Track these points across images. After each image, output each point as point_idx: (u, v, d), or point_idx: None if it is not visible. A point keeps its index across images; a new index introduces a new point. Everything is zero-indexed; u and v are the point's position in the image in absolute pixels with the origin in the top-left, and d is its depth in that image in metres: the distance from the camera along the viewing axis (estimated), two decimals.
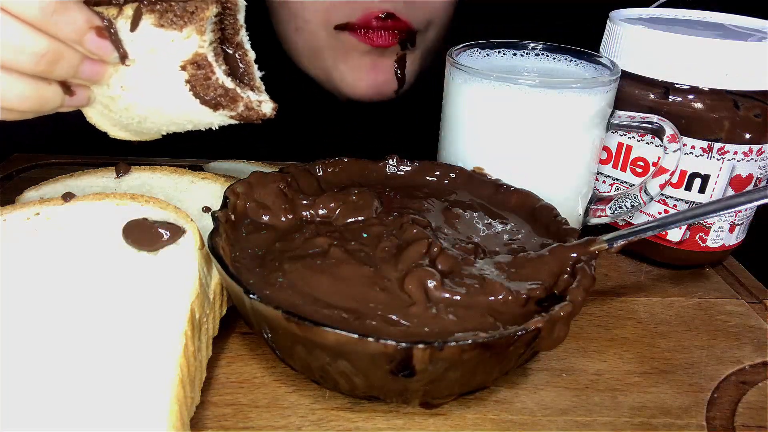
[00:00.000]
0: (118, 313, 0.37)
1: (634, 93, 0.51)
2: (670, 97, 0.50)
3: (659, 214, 0.53)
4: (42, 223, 0.43)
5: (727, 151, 0.49)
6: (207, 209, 0.48)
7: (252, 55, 0.44)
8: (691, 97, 0.49)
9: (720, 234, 0.52)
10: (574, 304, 0.36)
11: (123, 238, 0.41)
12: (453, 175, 0.52)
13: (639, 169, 0.53)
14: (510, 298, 0.38)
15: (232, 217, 0.43)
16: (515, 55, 0.56)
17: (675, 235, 0.53)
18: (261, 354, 0.42)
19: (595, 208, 0.55)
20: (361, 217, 0.45)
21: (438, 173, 0.52)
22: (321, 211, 0.45)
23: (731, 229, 0.52)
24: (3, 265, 0.39)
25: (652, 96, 0.50)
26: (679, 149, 0.48)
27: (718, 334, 0.47)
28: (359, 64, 0.64)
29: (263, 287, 0.38)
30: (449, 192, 0.50)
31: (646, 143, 0.52)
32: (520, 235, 0.45)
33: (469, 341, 0.32)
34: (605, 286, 0.52)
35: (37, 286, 0.38)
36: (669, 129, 0.48)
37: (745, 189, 0.50)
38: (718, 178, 0.50)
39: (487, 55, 0.55)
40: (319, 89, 0.71)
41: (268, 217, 0.44)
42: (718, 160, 0.49)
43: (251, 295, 0.34)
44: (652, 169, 0.51)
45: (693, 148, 0.49)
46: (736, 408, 0.40)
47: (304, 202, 0.46)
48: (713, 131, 0.48)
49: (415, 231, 0.42)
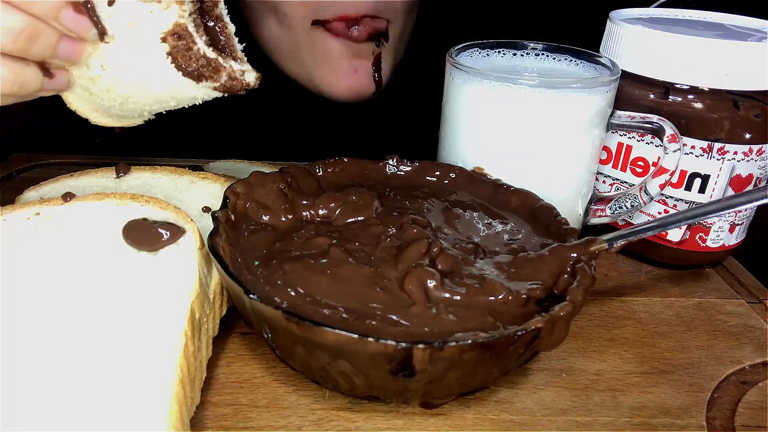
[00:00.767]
0: (118, 313, 0.37)
1: (634, 93, 0.51)
2: (670, 97, 0.50)
3: (659, 214, 0.53)
4: (42, 223, 0.43)
5: (727, 151, 0.49)
6: (207, 209, 0.48)
7: (232, 27, 0.43)
8: (691, 97, 0.49)
9: (720, 234, 0.52)
10: (574, 304, 0.36)
11: (123, 238, 0.41)
12: (453, 175, 0.52)
13: (639, 169, 0.53)
14: (510, 298, 0.38)
15: (232, 217, 0.43)
16: (515, 55, 0.56)
17: (675, 235, 0.53)
18: (261, 354, 0.42)
19: (595, 208, 0.55)
20: (361, 217, 0.45)
21: (438, 173, 0.52)
22: (321, 211, 0.45)
23: (731, 229, 0.52)
24: (3, 265, 0.39)
25: (652, 96, 0.50)
26: (679, 149, 0.48)
27: (718, 334, 0.47)
28: (338, 68, 0.65)
29: (263, 287, 0.38)
30: (449, 192, 0.50)
31: (646, 143, 0.52)
32: (520, 235, 0.45)
33: (469, 341, 0.32)
34: (605, 286, 0.52)
35: (38, 286, 0.38)
36: (669, 129, 0.48)
37: (745, 189, 0.50)
38: (718, 178, 0.50)
39: (487, 55, 0.55)
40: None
41: (268, 217, 0.44)
42: (718, 160, 0.49)
43: (251, 295, 0.34)
44: (652, 169, 0.51)
45: (693, 148, 0.49)
46: (736, 408, 0.40)
47: (304, 202, 0.46)
48: (713, 131, 0.48)
49: (415, 231, 0.42)
